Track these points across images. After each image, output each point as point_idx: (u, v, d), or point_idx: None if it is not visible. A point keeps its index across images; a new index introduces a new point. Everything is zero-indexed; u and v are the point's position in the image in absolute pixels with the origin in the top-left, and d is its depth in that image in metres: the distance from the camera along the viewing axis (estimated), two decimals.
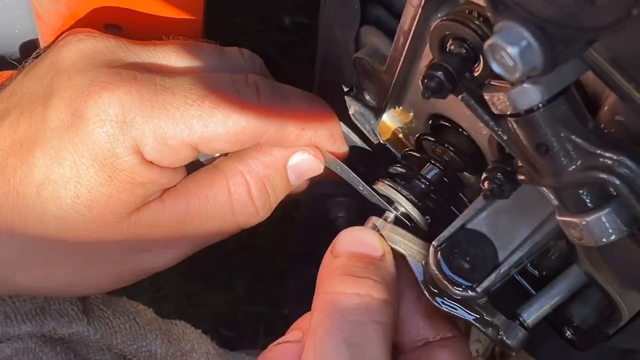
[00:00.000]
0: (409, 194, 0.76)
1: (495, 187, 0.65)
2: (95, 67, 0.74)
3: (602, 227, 0.60)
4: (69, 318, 0.81)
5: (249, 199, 0.78)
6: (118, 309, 0.86)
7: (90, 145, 0.72)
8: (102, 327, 0.83)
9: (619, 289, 0.71)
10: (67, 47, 0.76)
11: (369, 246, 0.73)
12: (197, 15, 0.85)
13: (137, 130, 0.72)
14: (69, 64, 0.75)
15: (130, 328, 0.84)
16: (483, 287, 0.72)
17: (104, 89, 0.72)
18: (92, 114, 0.72)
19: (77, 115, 0.72)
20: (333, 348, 0.67)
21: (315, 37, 0.97)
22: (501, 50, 0.48)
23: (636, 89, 0.54)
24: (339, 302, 0.68)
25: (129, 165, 0.73)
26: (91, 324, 0.82)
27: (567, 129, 0.58)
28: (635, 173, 0.57)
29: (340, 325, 0.67)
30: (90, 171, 0.73)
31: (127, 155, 0.73)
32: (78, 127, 0.72)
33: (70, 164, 0.72)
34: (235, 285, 1.52)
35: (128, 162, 0.73)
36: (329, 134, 0.78)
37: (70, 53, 0.76)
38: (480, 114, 0.63)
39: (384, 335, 0.68)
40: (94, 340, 0.82)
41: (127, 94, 0.72)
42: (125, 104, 0.72)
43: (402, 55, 0.73)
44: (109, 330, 0.83)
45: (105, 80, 0.73)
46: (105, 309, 0.85)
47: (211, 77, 0.76)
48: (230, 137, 0.74)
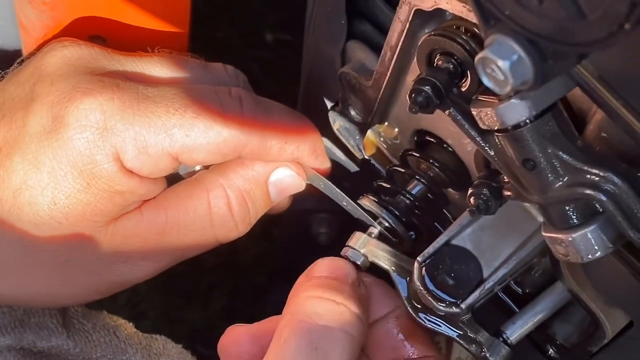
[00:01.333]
0: (394, 209, 0.76)
1: (481, 203, 0.65)
2: (78, 74, 0.74)
3: (588, 244, 0.60)
4: (48, 331, 0.80)
5: (228, 212, 0.78)
6: (98, 323, 0.85)
7: (69, 151, 0.72)
8: (82, 340, 0.82)
9: (602, 306, 0.71)
10: (51, 53, 0.76)
11: (345, 272, 0.72)
12: (183, 29, 0.85)
13: (118, 138, 0.72)
14: (52, 69, 0.75)
15: (110, 342, 0.83)
16: (467, 304, 0.72)
17: (86, 95, 0.72)
18: (72, 119, 0.72)
19: (58, 120, 0.72)
20: (296, 349, 0.65)
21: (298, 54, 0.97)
22: (492, 63, 0.48)
23: (623, 106, 0.55)
24: (312, 305, 0.67)
25: (108, 173, 0.72)
26: (71, 337, 0.81)
27: (554, 145, 0.59)
28: (621, 190, 0.58)
29: (309, 327, 0.66)
30: (68, 177, 0.72)
31: (107, 163, 0.72)
32: (58, 132, 0.72)
33: (48, 169, 0.72)
34: (214, 302, 1.50)
35: (107, 170, 0.72)
36: (311, 149, 0.78)
37: (54, 59, 0.75)
38: (467, 129, 0.63)
39: (351, 348, 0.67)
40: (73, 353, 0.81)
41: (109, 100, 0.72)
42: (106, 111, 0.72)
43: (389, 70, 0.73)
44: (88, 344, 0.82)
45: (88, 87, 0.73)
46: (85, 322, 0.84)
47: (194, 88, 0.76)
48: (212, 148, 0.74)
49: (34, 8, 0.80)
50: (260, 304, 1.45)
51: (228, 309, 1.49)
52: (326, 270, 0.72)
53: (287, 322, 0.68)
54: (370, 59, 0.77)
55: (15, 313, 0.80)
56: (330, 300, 0.68)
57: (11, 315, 0.80)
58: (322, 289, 0.69)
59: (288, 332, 0.67)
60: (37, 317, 0.80)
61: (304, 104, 0.93)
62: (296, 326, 0.67)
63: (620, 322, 0.71)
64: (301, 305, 0.68)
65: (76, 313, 0.85)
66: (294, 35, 1.62)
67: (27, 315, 0.81)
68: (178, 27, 0.85)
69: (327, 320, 0.67)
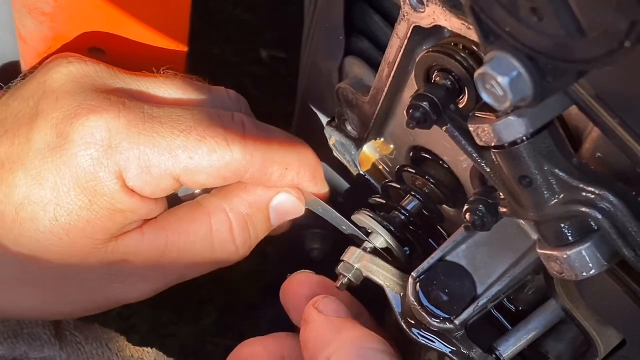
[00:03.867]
0: (389, 224, 0.76)
1: (477, 219, 0.66)
2: (83, 91, 0.74)
3: (583, 261, 0.60)
4: (41, 342, 0.80)
5: (230, 236, 0.78)
6: (90, 335, 0.85)
7: (73, 167, 0.72)
8: (74, 352, 0.82)
9: (595, 324, 0.71)
10: (56, 69, 0.76)
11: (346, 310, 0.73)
12: (182, 43, 0.85)
13: (122, 156, 0.72)
14: (57, 85, 0.75)
15: (103, 354, 0.83)
16: (461, 320, 0.72)
17: (92, 112, 0.72)
18: (77, 136, 0.72)
19: (63, 136, 0.72)
20: None
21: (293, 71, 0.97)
22: (491, 79, 0.49)
23: (620, 125, 0.55)
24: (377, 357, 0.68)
25: (110, 191, 0.72)
26: (63, 348, 0.81)
27: (550, 162, 0.59)
28: (616, 208, 0.58)
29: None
30: (70, 194, 0.72)
31: (109, 180, 0.72)
32: (62, 148, 0.72)
33: (51, 185, 0.72)
34: (204, 318, 1.50)
35: (109, 187, 0.72)
36: (311, 176, 0.79)
37: (59, 75, 0.75)
38: (464, 145, 0.64)
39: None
40: None
41: (115, 118, 0.72)
42: (112, 129, 0.72)
43: (386, 86, 0.73)
44: (80, 355, 0.82)
45: (94, 104, 0.73)
46: (77, 334, 0.83)
47: (199, 110, 0.76)
48: (214, 172, 0.74)
49: (33, 19, 0.80)
50: (251, 320, 1.45)
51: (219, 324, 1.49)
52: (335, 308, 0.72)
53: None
54: (368, 74, 0.78)
55: (8, 323, 0.80)
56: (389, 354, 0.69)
57: (4, 325, 0.80)
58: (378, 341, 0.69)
59: None
60: (30, 328, 0.80)
61: (299, 120, 0.93)
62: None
63: (613, 341, 0.72)
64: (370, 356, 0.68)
65: (68, 325, 0.84)
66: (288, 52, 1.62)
67: (19, 325, 0.81)
68: (177, 43, 0.85)
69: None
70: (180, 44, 0.84)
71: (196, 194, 0.81)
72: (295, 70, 0.94)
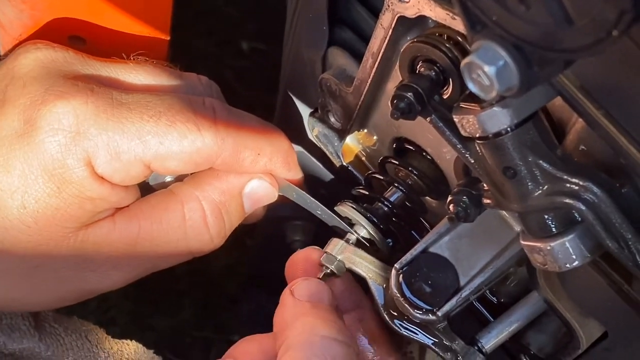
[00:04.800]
0: (372, 216, 0.76)
1: (460, 210, 0.66)
2: (51, 77, 0.73)
3: (566, 253, 0.60)
4: (20, 333, 0.79)
5: (204, 225, 0.77)
6: (69, 327, 0.84)
7: (40, 154, 0.71)
8: (54, 344, 0.81)
9: (578, 317, 0.71)
10: (24, 55, 0.75)
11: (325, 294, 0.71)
12: (163, 35, 0.85)
13: (90, 142, 0.71)
14: (25, 71, 0.74)
15: (82, 346, 0.82)
16: (443, 311, 0.72)
17: (59, 98, 0.71)
18: (45, 122, 0.71)
19: (30, 123, 0.71)
20: None
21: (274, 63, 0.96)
22: (478, 69, 0.48)
23: (604, 116, 0.55)
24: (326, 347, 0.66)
25: (79, 178, 0.71)
26: (43, 340, 0.80)
27: (534, 153, 0.59)
28: (600, 199, 0.58)
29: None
30: (39, 181, 0.71)
31: (78, 167, 0.71)
32: (30, 135, 0.71)
33: (19, 172, 0.71)
34: (184, 310, 1.49)
35: (78, 175, 0.71)
36: (283, 161, 0.78)
37: (27, 61, 0.74)
38: (448, 136, 0.63)
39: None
40: (44, 357, 0.80)
41: (83, 104, 0.71)
42: (79, 115, 0.71)
43: (370, 77, 0.73)
44: (60, 347, 0.81)
45: (61, 90, 0.72)
46: (56, 325, 0.83)
47: (169, 96, 0.75)
48: (185, 157, 0.73)
49: (14, 7, 0.79)
50: (231, 313, 1.44)
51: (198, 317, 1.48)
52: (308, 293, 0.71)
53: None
54: (351, 65, 0.77)
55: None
56: (343, 343, 0.67)
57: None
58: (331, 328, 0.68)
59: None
60: (9, 319, 0.79)
61: (282, 111, 0.93)
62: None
63: (595, 333, 0.72)
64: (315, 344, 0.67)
65: (47, 317, 0.84)
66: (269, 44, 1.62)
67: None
68: (159, 33, 0.84)
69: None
70: (162, 33, 0.83)
71: (168, 182, 0.80)
72: (277, 63, 0.94)
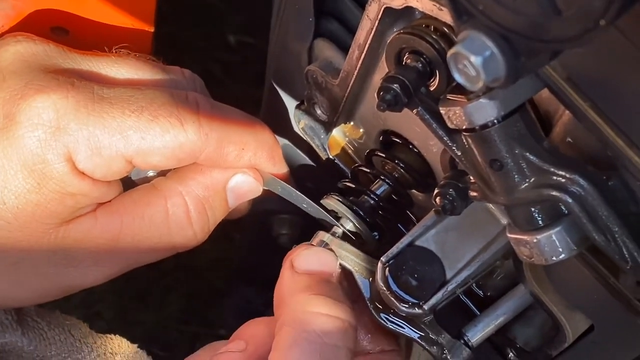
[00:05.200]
0: (358, 209, 0.75)
1: (447, 203, 0.65)
2: (31, 71, 0.72)
3: (553, 245, 0.60)
4: (2, 327, 0.78)
5: (187, 221, 0.77)
6: (52, 321, 0.83)
7: (19, 149, 0.70)
8: (37, 338, 0.80)
9: (564, 310, 0.71)
10: (4, 48, 0.74)
11: (332, 268, 0.72)
12: (148, 26, 0.84)
13: (70, 137, 0.70)
14: (4, 65, 0.73)
15: (65, 340, 0.82)
16: (430, 305, 0.71)
17: (39, 92, 0.70)
18: (24, 117, 0.70)
19: (9, 118, 0.70)
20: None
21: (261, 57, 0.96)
22: (464, 59, 0.48)
23: (591, 108, 0.55)
24: (318, 323, 0.67)
25: (59, 174, 0.70)
26: (25, 334, 0.79)
27: (521, 146, 0.59)
28: (587, 192, 0.58)
29: (319, 348, 0.66)
30: (18, 177, 0.70)
31: (58, 163, 0.70)
32: (9, 130, 0.70)
33: None
34: (170, 304, 1.49)
35: (58, 170, 0.70)
36: (268, 155, 0.77)
37: (6, 54, 0.73)
38: (435, 128, 0.63)
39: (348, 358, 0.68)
40: (27, 351, 0.79)
41: (63, 99, 0.70)
42: (59, 109, 0.70)
43: (356, 69, 0.72)
44: (43, 341, 0.80)
45: (41, 84, 0.71)
46: (39, 320, 0.82)
47: (151, 90, 0.74)
48: (168, 153, 0.73)
49: None
50: (217, 307, 1.44)
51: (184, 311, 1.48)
52: (314, 264, 0.72)
53: (293, 339, 0.67)
54: (338, 57, 0.77)
55: None
56: (336, 318, 0.68)
57: None
58: (324, 303, 0.68)
59: (298, 351, 0.66)
60: None
61: (268, 104, 0.92)
62: (304, 345, 0.66)
63: (582, 326, 0.72)
64: (307, 321, 0.67)
65: (30, 311, 0.83)
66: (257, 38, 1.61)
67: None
68: (143, 24, 0.83)
69: (335, 339, 0.67)
70: (146, 24, 0.83)
71: (151, 177, 0.79)
72: (264, 56, 0.93)
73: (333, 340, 0.67)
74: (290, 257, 0.73)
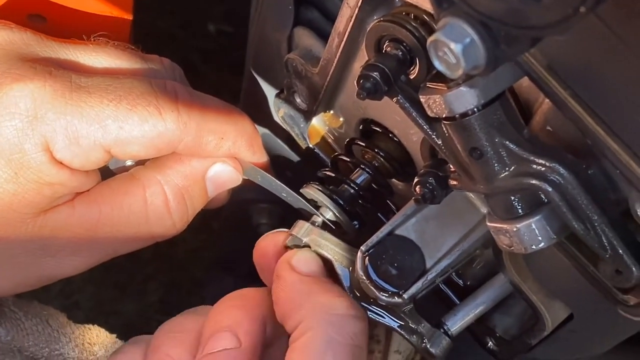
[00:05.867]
0: (338, 198, 0.75)
1: (427, 192, 0.65)
2: (9, 59, 0.71)
3: (532, 234, 0.60)
4: None
5: (166, 210, 0.76)
6: (30, 311, 0.82)
7: None
8: (14, 328, 0.79)
9: (543, 299, 0.71)
10: None
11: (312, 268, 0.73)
12: (126, 14, 0.83)
13: (48, 127, 0.69)
14: None
15: (43, 330, 0.81)
16: (409, 294, 0.71)
17: (16, 81, 0.69)
18: (1, 106, 0.69)
19: None
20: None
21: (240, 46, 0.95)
22: (444, 46, 0.48)
23: (571, 96, 0.55)
24: (349, 326, 0.67)
25: (37, 163, 0.70)
26: (2, 324, 0.79)
27: (501, 134, 0.58)
28: (566, 180, 0.58)
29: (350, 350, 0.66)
30: None
31: (35, 153, 0.70)
32: None
33: None
34: (149, 295, 1.48)
35: (36, 160, 0.70)
36: (248, 145, 0.77)
37: None
38: (414, 117, 0.63)
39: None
40: (4, 341, 0.78)
41: (41, 88, 0.70)
42: (37, 98, 0.69)
43: (336, 57, 0.72)
44: (20, 332, 0.80)
45: (18, 73, 0.70)
46: (16, 310, 0.81)
47: (130, 79, 0.74)
48: (146, 142, 0.72)
49: None
50: (197, 297, 1.43)
51: (164, 301, 1.47)
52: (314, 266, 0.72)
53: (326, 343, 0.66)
54: (317, 45, 0.77)
55: None
56: (361, 319, 0.69)
57: None
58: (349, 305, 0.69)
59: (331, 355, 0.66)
60: None
61: (247, 93, 0.92)
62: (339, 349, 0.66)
63: (561, 315, 0.72)
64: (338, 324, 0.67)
65: (7, 301, 0.82)
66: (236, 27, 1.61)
67: None
68: (121, 12, 0.83)
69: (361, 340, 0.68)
70: (124, 12, 0.82)
71: (130, 166, 0.78)
72: (243, 45, 0.93)
73: (360, 341, 0.68)
74: (286, 259, 0.72)
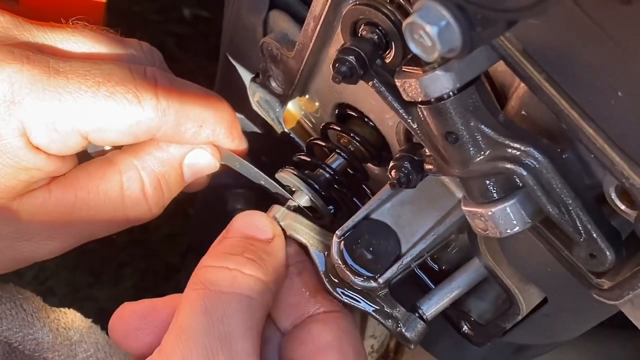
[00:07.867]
0: (313, 182, 0.75)
1: (402, 176, 0.65)
2: None
3: (507, 218, 0.60)
4: None
5: (142, 195, 0.76)
6: (4, 295, 0.82)
7: None
8: None
9: (518, 283, 0.71)
10: None
11: (259, 229, 0.72)
12: None
13: (26, 112, 0.69)
14: None
15: (17, 315, 0.80)
16: (385, 278, 0.71)
17: None
18: None
19: None
20: (191, 314, 0.66)
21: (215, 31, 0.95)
22: (420, 29, 0.47)
23: (546, 80, 0.55)
24: (206, 274, 0.68)
25: (14, 148, 0.69)
26: None
27: (476, 118, 0.58)
28: (541, 164, 0.58)
29: (202, 295, 0.67)
30: None
31: (12, 138, 0.69)
32: None
33: None
34: (124, 280, 1.48)
35: (12, 145, 0.69)
36: (227, 132, 0.77)
37: None
38: (390, 101, 0.63)
39: (248, 308, 0.67)
40: None
41: (18, 72, 0.69)
42: (14, 83, 0.69)
43: (312, 41, 0.72)
44: None
45: None
46: None
47: (109, 65, 0.73)
48: (124, 129, 0.72)
49: None
50: (172, 283, 1.43)
51: (139, 287, 1.47)
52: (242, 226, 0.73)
53: (185, 294, 0.68)
54: (293, 29, 0.76)
55: None
56: (222, 268, 0.68)
57: None
58: (216, 258, 0.69)
59: (184, 301, 0.67)
60: None
61: (222, 77, 0.91)
62: (191, 295, 0.67)
63: (535, 299, 0.72)
64: (198, 276, 0.69)
65: None
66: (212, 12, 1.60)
67: None
68: None
69: (219, 285, 0.67)
70: None
71: (107, 150, 0.78)
72: (219, 30, 0.92)
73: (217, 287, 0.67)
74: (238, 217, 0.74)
